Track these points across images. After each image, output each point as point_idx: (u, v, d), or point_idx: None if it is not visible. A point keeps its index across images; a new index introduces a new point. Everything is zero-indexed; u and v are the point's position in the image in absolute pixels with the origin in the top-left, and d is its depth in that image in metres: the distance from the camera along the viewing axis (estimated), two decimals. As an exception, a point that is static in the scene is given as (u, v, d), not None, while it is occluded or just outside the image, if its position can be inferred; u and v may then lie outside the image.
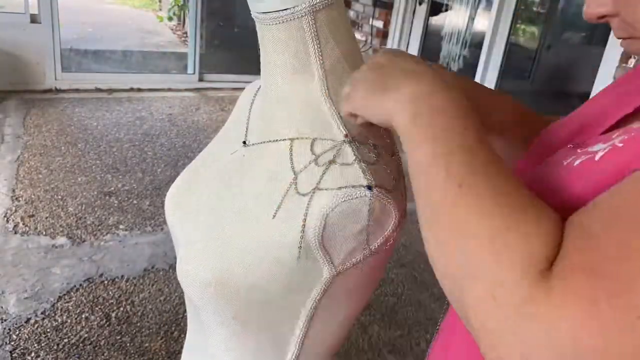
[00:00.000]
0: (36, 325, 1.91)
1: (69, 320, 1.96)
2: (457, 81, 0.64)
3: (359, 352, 2.00)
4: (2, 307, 1.98)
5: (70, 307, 2.03)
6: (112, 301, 2.09)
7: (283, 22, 0.57)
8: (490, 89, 0.71)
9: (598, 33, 3.42)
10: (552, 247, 0.35)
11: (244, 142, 0.66)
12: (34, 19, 4.06)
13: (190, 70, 4.86)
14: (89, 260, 2.31)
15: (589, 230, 0.34)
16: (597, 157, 0.42)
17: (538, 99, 4.08)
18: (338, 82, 0.60)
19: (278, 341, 0.64)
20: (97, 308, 2.04)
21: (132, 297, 2.13)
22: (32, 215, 2.57)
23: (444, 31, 4.10)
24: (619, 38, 0.49)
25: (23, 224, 2.50)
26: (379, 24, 4.36)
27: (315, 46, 0.59)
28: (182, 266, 0.62)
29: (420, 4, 4.17)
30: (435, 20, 4.21)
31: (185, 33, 6.67)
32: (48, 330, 1.90)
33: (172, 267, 2.32)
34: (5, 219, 2.51)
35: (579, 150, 0.46)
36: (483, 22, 3.80)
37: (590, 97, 0.68)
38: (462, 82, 0.65)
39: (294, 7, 0.56)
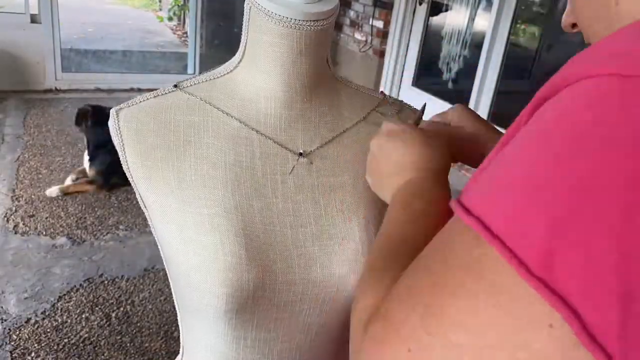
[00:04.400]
0: (36, 325, 1.91)
1: (69, 320, 1.96)
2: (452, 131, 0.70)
3: (359, 352, 2.00)
4: (2, 307, 1.98)
5: (71, 307, 2.03)
6: (112, 301, 2.09)
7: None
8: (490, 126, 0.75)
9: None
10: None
11: (301, 154, 0.64)
12: (34, 19, 4.06)
13: (190, 70, 4.86)
14: (89, 260, 2.31)
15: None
16: None
17: (538, 99, 4.08)
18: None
19: None
20: (97, 308, 2.04)
21: (132, 297, 2.13)
22: (32, 215, 2.57)
23: (444, 31, 4.11)
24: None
25: (23, 224, 2.50)
26: (379, 24, 4.36)
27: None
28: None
29: (420, 4, 4.17)
30: (435, 20, 4.21)
31: (185, 33, 6.67)
32: (48, 330, 1.90)
33: (172, 267, 2.32)
34: (5, 219, 2.51)
35: None
36: (483, 22, 3.80)
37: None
38: (459, 128, 0.71)
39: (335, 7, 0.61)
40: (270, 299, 0.61)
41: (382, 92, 0.72)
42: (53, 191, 2.77)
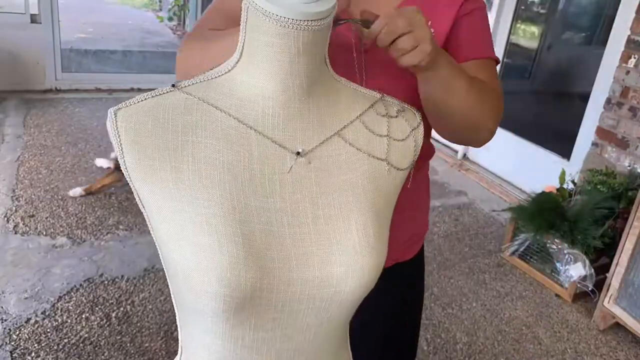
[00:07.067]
0: (36, 325, 1.91)
1: (69, 320, 1.96)
2: None
3: (358, 352, 2.00)
4: (2, 307, 1.98)
5: (71, 307, 2.03)
6: (112, 301, 2.09)
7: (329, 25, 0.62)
8: None
9: (598, 33, 3.42)
10: None
11: (298, 153, 0.63)
12: (34, 19, 4.06)
13: (190, 70, 4.85)
14: (89, 260, 2.31)
15: None
16: None
17: (538, 99, 4.07)
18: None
19: None
20: (97, 308, 2.04)
21: (132, 297, 2.13)
22: (32, 215, 2.57)
23: (444, 31, 4.09)
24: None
25: (23, 224, 2.50)
26: (379, 23, 4.36)
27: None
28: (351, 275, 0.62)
29: (420, 3, 4.16)
30: (435, 20, 4.20)
31: (185, 33, 6.66)
32: (48, 330, 1.90)
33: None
34: (6, 219, 2.52)
35: None
36: (483, 22, 3.79)
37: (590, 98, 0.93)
38: None
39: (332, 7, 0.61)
40: (268, 299, 0.61)
41: (380, 91, 0.72)
42: (76, 191, 2.78)
